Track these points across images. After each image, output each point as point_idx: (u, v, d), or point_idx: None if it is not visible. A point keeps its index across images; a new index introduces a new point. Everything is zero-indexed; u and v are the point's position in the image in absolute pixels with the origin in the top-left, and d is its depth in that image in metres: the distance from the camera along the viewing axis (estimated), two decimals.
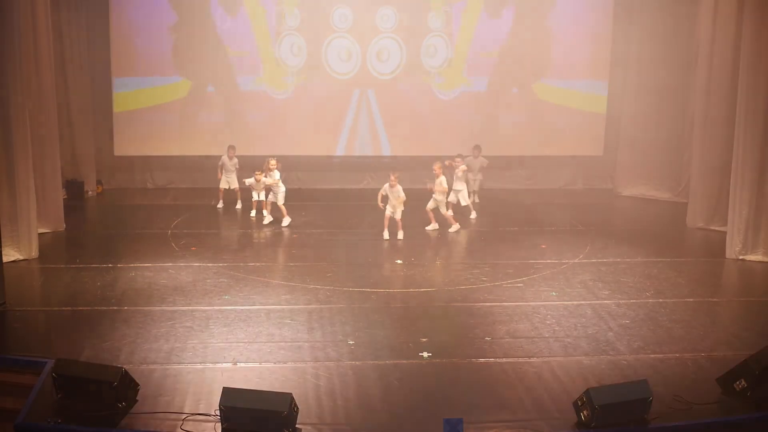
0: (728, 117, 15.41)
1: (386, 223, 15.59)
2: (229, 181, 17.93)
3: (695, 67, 16.96)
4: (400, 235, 15.59)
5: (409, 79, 20.03)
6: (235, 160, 17.91)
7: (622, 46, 19.96)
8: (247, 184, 17.33)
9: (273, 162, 16.70)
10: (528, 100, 20.41)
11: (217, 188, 18.05)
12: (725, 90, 15.72)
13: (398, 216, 15.52)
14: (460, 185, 16.96)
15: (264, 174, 16.83)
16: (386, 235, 15.59)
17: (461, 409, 8.72)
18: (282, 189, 16.51)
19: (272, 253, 15.17)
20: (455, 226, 16.18)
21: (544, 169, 20.85)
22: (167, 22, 19.26)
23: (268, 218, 16.79)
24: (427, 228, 16.29)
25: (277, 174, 16.53)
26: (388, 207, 15.55)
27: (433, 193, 15.98)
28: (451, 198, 16.73)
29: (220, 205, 17.97)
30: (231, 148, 17.98)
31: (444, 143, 19.93)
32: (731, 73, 15.46)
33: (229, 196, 18.03)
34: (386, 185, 15.55)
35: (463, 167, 16.95)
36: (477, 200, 18.53)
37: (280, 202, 16.45)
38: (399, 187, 15.44)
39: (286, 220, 16.41)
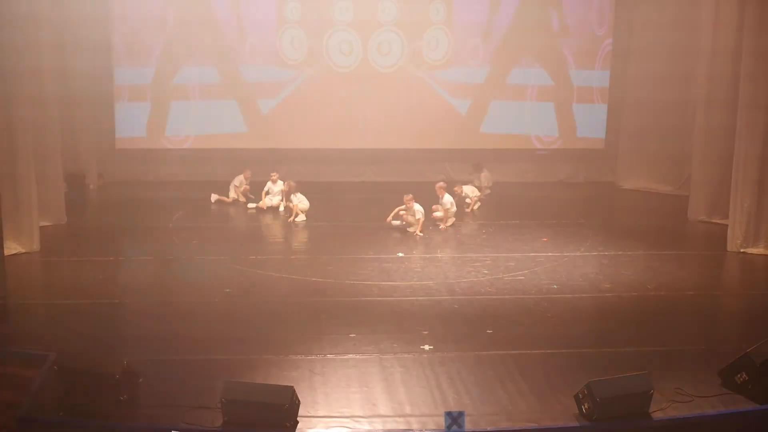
0: (730, 110, 15.37)
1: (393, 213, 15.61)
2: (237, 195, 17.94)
3: (697, 59, 16.93)
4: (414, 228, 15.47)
5: (409, 72, 20.00)
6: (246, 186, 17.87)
7: (624, 37, 19.93)
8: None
9: (274, 175, 17.08)
10: (528, 92, 20.37)
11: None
12: (727, 82, 15.67)
13: (416, 230, 15.40)
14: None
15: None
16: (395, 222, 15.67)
17: (463, 402, 8.74)
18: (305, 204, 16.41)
19: (273, 247, 15.18)
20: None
21: (545, 162, 20.82)
22: (169, 14, 19.22)
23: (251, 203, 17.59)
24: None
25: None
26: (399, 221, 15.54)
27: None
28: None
29: (214, 198, 17.93)
30: (246, 170, 17.93)
31: (444, 136, 19.93)
32: (733, 64, 15.40)
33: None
34: (402, 207, 15.49)
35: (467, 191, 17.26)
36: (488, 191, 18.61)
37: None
38: (415, 206, 15.41)
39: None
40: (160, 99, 19.56)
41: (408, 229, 15.40)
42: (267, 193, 17.25)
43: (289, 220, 16.11)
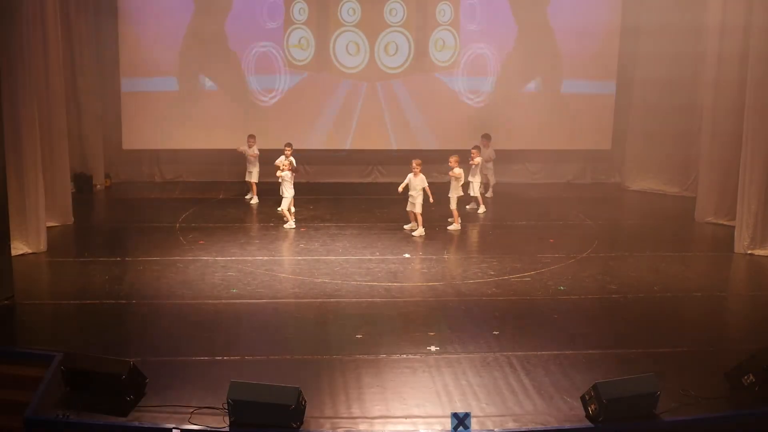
0: (737, 110, 15.33)
1: (411, 217, 15.58)
2: (250, 172, 17.94)
3: (704, 59, 16.89)
4: (419, 231, 15.39)
5: (417, 72, 20.00)
6: (255, 149, 17.89)
7: (631, 39, 19.89)
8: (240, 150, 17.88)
9: (288, 149, 16.46)
10: (536, 93, 20.35)
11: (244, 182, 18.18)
12: (734, 83, 15.61)
13: (418, 209, 15.39)
14: (473, 177, 17.11)
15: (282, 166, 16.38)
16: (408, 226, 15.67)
17: (469, 403, 8.74)
18: (290, 192, 15.95)
19: (280, 247, 15.18)
20: (456, 225, 16.06)
21: (552, 163, 20.79)
22: (175, 17, 19.25)
23: (254, 199, 17.68)
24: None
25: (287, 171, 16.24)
26: (409, 201, 15.50)
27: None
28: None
29: (254, 200, 17.94)
30: (251, 137, 17.97)
31: (452, 137, 19.90)
32: (740, 65, 15.36)
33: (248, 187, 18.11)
34: (410, 175, 15.41)
35: (478, 159, 17.05)
36: (491, 194, 18.52)
37: (284, 206, 16.01)
38: (422, 176, 15.32)
39: (290, 224, 16.00)
40: (167, 99, 19.58)
41: (413, 233, 15.40)
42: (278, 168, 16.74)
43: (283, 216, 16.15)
